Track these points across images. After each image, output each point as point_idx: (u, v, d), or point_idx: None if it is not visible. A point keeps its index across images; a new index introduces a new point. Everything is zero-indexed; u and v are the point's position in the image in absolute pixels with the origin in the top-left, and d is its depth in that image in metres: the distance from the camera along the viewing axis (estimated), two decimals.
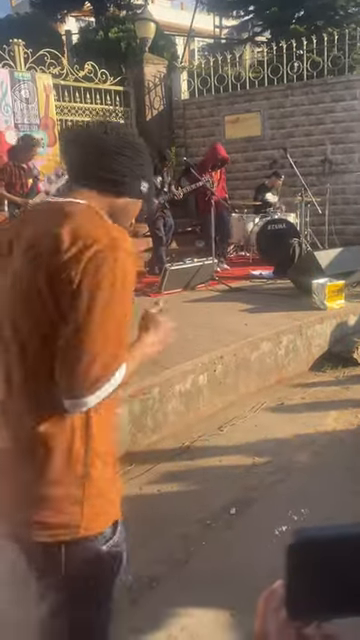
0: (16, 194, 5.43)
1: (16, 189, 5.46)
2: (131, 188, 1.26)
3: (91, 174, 1.22)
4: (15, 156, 5.60)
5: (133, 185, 1.26)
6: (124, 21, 12.94)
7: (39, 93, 8.16)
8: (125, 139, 1.26)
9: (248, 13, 13.74)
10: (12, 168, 5.50)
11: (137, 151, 1.27)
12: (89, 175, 1.22)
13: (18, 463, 1.15)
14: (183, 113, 9.88)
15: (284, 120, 8.96)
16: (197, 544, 2.41)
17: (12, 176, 5.46)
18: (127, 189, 1.25)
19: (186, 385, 3.58)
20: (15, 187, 5.46)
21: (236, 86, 9.31)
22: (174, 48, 14.49)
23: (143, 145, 1.31)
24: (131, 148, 1.26)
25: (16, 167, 5.51)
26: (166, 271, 5.88)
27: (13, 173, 5.47)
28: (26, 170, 5.58)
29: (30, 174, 5.63)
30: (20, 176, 5.50)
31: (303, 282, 5.36)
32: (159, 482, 2.91)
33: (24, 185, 5.51)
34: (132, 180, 1.25)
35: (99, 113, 9.18)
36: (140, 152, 1.28)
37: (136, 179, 1.26)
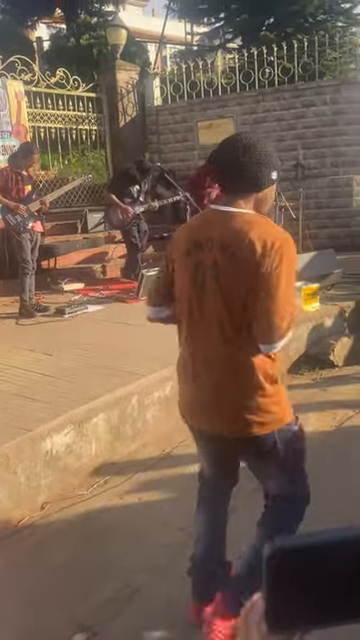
0: (11, 199, 5.40)
1: (11, 194, 5.45)
2: (267, 180, 1.68)
3: (241, 185, 1.68)
4: (14, 163, 5.59)
5: (268, 177, 1.68)
6: (95, 28, 12.95)
7: (10, 100, 8.08)
8: (253, 145, 1.66)
9: (219, 20, 13.84)
10: (9, 173, 5.49)
11: (266, 151, 1.67)
12: (240, 187, 1.68)
13: (234, 385, 1.72)
14: (156, 119, 9.89)
15: (257, 125, 9.03)
16: (179, 552, 2.38)
17: (8, 181, 5.44)
18: (264, 183, 1.68)
19: (165, 391, 3.56)
20: (11, 192, 5.45)
21: (208, 92, 9.37)
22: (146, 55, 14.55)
23: (266, 141, 1.73)
24: (262, 151, 1.66)
25: (14, 173, 5.49)
26: (143, 277, 5.85)
27: (9, 178, 5.46)
28: (24, 177, 5.55)
29: (29, 181, 5.61)
30: (17, 182, 5.48)
31: None
32: (140, 491, 2.88)
33: (20, 191, 5.50)
34: (267, 174, 1.67)
35: (72, 120, 9.14)
36: (268, 150, 1.69)
37: (269, 172, 1.68)
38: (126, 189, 6.59)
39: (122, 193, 6.57)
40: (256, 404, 1.71)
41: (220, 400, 1.74)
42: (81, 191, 9.11)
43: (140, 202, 6.68)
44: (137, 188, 6.65)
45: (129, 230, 6.66)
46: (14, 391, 3.42)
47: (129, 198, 6.59)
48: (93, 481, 2.98)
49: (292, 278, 1.65)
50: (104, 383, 3.45)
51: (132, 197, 6.63)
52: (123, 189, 6.59)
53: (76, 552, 2.47)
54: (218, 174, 1.83)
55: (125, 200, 6.57)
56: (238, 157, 1.64)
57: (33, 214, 5.52)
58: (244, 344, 1.68)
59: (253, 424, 1.72)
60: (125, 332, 4.71)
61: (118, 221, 6.68)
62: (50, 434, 2.89)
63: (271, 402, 1.73)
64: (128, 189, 6.59)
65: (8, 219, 5.44)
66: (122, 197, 6.57)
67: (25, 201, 5.48)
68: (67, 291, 6.53)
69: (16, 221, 5.42)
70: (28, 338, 4.72)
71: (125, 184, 6.63)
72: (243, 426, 1.73)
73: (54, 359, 4.07)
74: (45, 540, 2.54)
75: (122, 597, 2.17)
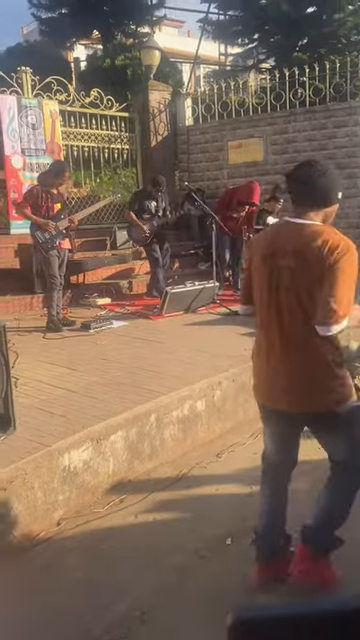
0: (40, 217, 5.52)
1: (41, 212, 5.56)
2: (335, 198, 2.08)
3: (313, 201, 2.06)
4: (45, 181, 5.70)
5: (335, 196, 2.08)
6: (130, 49, 13.22)
7: (45, 119, 8.30)
8: (327, 169, 2.06)
9: (253, 41, 14.02)
10: (39, 192, 5.60)
11: (335, 175, 2.11)
12: (313, 202, 2.05)
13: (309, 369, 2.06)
14: (187, 139, 10.01)
15: (287, 145, 9.06)
16: (192, 575, 2.36)
17: (39, 199, 5.56)
18: (332, 200, 2.07)
19: (184, 411, 3.56)
20: (40, 210, 5.56)
21: (240, 112, 9.45)
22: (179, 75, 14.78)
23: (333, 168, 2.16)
24: (333, 174, 2.09)
25: (43, 191, 5.60)
26: (167, 294, 5.90)
27: (40, 196, 5.57)
28: (54, 195, 5.66)
29: (59, 199, 5.72)
30: (47, 200, 5.58)
31: None
32: (155, 510, 2.87)
33: (50, 209, 5.60)
34: (335, 194, 2.08)
35: (104, 139, 9.32)
36: (336, 174, 2.12)
37: (336, 192, 2.08)
38: (144, 205, 6.84)
39: (141, 210, 6.83)
40: (328, 384, 2.05)
41: (296, 381, 2.07)
42: (110, 209, 9.26)
43: (159, 217, 6.88)
44: (154, 204, 6.89)
45: (150, 245, 6.88)
46: (35, 405, 3.47)
47: (147, 214, 6.86)
48: (109, 499, 2.99)
49: (352, 278, 1.95)
50: (124, 400, 3.47)
51: (150, 212, 6.87)
52: (141, 205, 6.84)
53: (90, 569, 2.47)
54: (293, 190, 2.12)
55: (144, 216, 6.84)
56: (314, 178, 2.03)
57: (62, 232, 5.63)
58: (314, 334, 1.98)
59: (326, 401, 2.07)
60: (147, 349, 4.74)
61: (139, 237, 6.95)
62: (68, 450, 2.91)
63: (340, 383, 2.06)
64: (146, 205, 6.85)
65: (37, 236, 5.55)
66: (141, 213, 6.82)
67: (54, 219, 5.59)
68: (94, 306, 6.61)
69: (45, 238, 5.53)
70: (53, 352, 4.79)
71: (142, 201, 6.89)
72: (318, 403, 2.08)
73: (77, 374, 4.12)
74: (60, 556, 2.55)
75: (133, 617, 2.16)
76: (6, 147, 7.92)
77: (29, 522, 2.68)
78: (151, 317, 5.98)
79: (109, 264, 7.76)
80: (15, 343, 4.87)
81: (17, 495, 2.63)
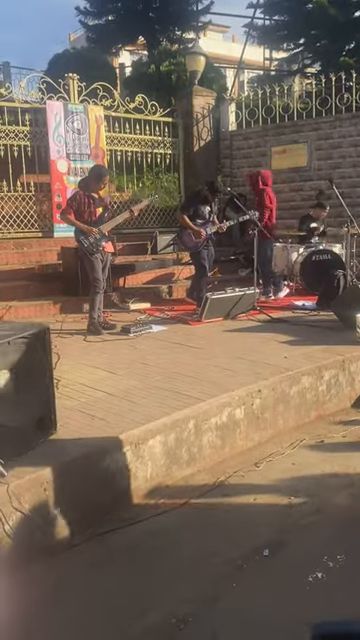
0: (84, 222, 5.62)
1: (84, 217, 5.65)
2: None
3: None
4: (86, 186, 5.79)
5: None
6: (175, 54, 13.31)
7: (90, 124, 8.45)
8: None
9: (298, 46, 13.91)
10: (82, 197, 5.69)
11: None
12: None
13: None
14: (230, 144, 10.00)
15: (332, 151, 8.93)
16: (227, 585, 2.35)
17: (81, 204, 5.65)
18: None
19: (222, 418, 3.54)
20: (83, 215, 5.65)
21: (284, 117, 9.38)
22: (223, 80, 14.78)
23: None
24: None
25: (86, 196, 5.69)
26: (207, 300, 5.89)
27: (82, 201, 5.66)
28: (96, 199, 5.74)
29: (101, 203, 5.79)
30: (89, 205, 5.67)
31: (347, 315, 5.26)
32: (191, 518, 2.87)
33: (92, 214, 5.69)
34: None
35: (148, 143, 9.41)
36: None
37: None
38: (199, 210, 6.59)
39: (195, 214, 6.59)
40: None
41: None
42: (152, 213, 9.33)
43: (211, 223, 6.68)
44: (208, 209, 6.65)
45: (199, 252, 6.64)
46: (75, 407, 3.52)
47: (201, 219, 6.58)
48: (147, 503, 3.00)
49: None
50: (162, 405, 3.48)
51: (204, 218, 6.61)
52: (196, 210, 6.60)
53: (127, 574, 2.48)
54: None
55: (197, 221, 6.56)
56: None
57: (105, 235, 5.70)
58: None
59: None
60: (186, 354, 4.74)
61: (192, 243, 6.64)
62: (110, 452, 2.94)
63: None
64: (200, 210, 6.58)
65: (82, 241, 5.64)
66: (194, 218, 6.58)
67: (97, 223, 5.67)
68: (134, 310, 6.66)
69: (89, 242, 5.62)
70: (94, 355, 4.85)
71: (197, 205, 6.63)
72: None
73: (117, 377, 4.15)
74: (98, 559, 2.58)
75: (168, 626, 2.16)
76: (52, 152, 8.10)
77: (67, 523, 2.71)
78: (190, 322, 5.99)
79: (149, 268, 7.82)
80: (57, 345, 4.96)
81: (57, 497, 2.67)
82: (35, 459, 2.76)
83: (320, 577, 2.35)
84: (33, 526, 2.57)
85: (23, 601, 2.15)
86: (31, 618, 2.13)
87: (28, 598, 2.20)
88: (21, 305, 6.36)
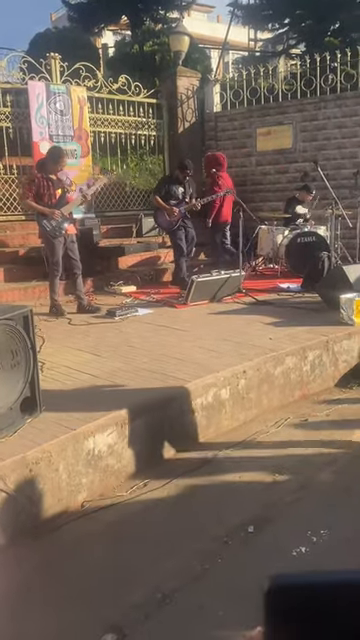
0: (44, 205, 5.53)
1: (44, 200, 5.56)
2: None
3: None
4: (44, 168, 5.70)
5: None
6: (159, 34, 13.12)
7: (73, 105, 8.32)
8: None
9: (283, 26, 13.77)
10: (40, 180, 5.60)
11: None
12: None
13: None
14: (215, 125, 9.92)
15: (316, 133, 8.90)
16: (212, 561, 2.38)
17: (40, 187, 5.56)
18: None
19: (208, 398, 3.56)
20: (43, 198, 5.57)
21: (268, 99, 9.31)
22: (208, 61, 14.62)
23: None
24: None
25: (44, 179, 5.60)
26: (193, 282, 5.89)
27: (41, 184, 5.57)
28: (55, 181, 5.65)
29: (59, 185, 5.70)
30: (48, 187, 5.58)
31: (331, 296, 5.29)
32: (177, 496, 2.89)
33: (52, 196, 5.61)
34: None
35: (132, 125, 9.30)
36: None
37: None
38: (171, 190, 6.75)
39: (167, 194, 6.74)
40: None
41: None
42: (136, 195, 9.25)
43: (185, 202, 6.79)
44: (181, 189, 6.77)
45: (175, 232, 6.78)
46: (61, 389, 3.51)
47: (174, 199, 6.76)
48: (133, 483, 3.01)
49: None
50: (148, 386, 3.48)
51: (177, 198, 6.78)
52: (168, 190, 6.75)
53: (111, 553, 2.50)
54: None
55: (170, 202, 6.74)
56: None
57: (66, 217, 5.64)
58: None
59: None
60: (171, 337, 4.75)
61: (166, 222, 6.83)
62: (93, 434, 2.94)
63: None
64: (173, 190, 6.75)
65: (44, 225, 5.56)
66: (167, 198, 6.73)
67: (57, 205, 5.59)
68: (119, 294, 6.64)
69: (52, 226, 5.55)
70: (78, 338, 4.83)
71: (169, 185, 6.80)
72: None
73: (102, 360, 4.15)
74: (82, 539, 2.59)
75: (153, 601, 2.18)
76: (34, 133, 7.97)
77: (53, 503, 2.72)
78: (176, 305, 5.98)
79: (135, 252, 7.78)
80: (42, 328, 4.94)
81: (42, 476, 2.67)
82: (20, 440, 2.76)
83: (304, 552, 2.39)
84: (19, 507, 2.57)
85: (7, 582, 2.16)
86: (15, 599, 2.14)
87: (12, 579, 2.21)
88: (5, 289, 6.30)
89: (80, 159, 8.35)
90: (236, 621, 1.97)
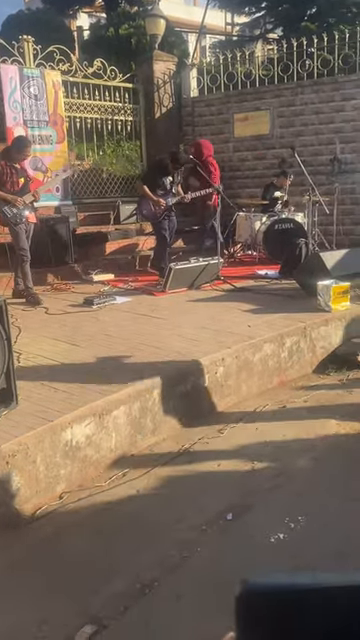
0: (6, 192, 5.52)
1: (7, 187, 5.58)
2: None
3: None
4: (8, 155, 5.69)
5: None
6: (135, 17, 12.90)
7: (48, 90, 8.14)
8: None
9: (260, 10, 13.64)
10: (4, 167, 5.61)
11: None
12: None
13: None
14: (192, 111, 9.82)
15: (294, 119, 8.88)
16: (191, 550, 2.38)
17: (3, 175, 5.57)
18: None
19: (187, 386, 3.56)
20: (5, 185, 5.58)
21: (246, 84, 9.24)
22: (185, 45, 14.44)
23: None
24: None
25: (8, 166, 5.61)
26: (171, 270, 5.85)
27: (4, 172, 5.58)
28: (18, 170, 5.67)
29: (23, 174, 5.71)
30: (11, 175, 5.61)
31: (309, 283, 5.31)
32: (156, 485, 2.89)
33: (15, 184, 5.63)
34: None
35: (108, 110, 9.16)
36: None
37: None
38: (159, 180, 6.54)
39: (155, 184, 6.53)
40: None
41: None
42: (114, 182, 9.14)
43: (172, 194, 6.63)
44: (170, 180, 6.59)
45: (160, 222, 6.62)
46: (38, 380, 3.47)
47: (161, 190, 6.55)
48: (112, 473, 3.00)
49: None
50: (127, 375, 3.46)
51: (165, 189, 6.57)
52: (156, 180, 6.55)
53: (91, 543, 2.50)
54: None
55: (157, 192, 6.52)
56: None
57: (28, 205, 5.64)
58: None
59: None
60: (150, 325, 4.72)
61: (150, 213, 6.64)
62: (71, 425, 2.92)
63: None
64: (161, 180, 6.53)
65: (5, 211, 5.55)
66: (155, 188, 6.53)
67: (19, 193, 5.59)
68: (97, 282, 6.58)
69: (13, 213, 5.54)
70: (55, 327, 4.78)
71: (158, 175, 6.58)
72: None
73: (79, 349, 4.11)
74: (61, 530, 2.58)
75: (133, 591, 2.18)
76: (8, 118, 7.79)
77: (31, 495, 2.70)
78: (154, 293, 5.95)
79: (112, 239, 7.70)
80: (18, 318, 4.87)
81: (19, 469, 2.64)
82: None
83: (282, 538, 2.41)
84: None
85: None
86: None
87: None
88: None
89: (56, 145, 8.20)
90: (214, 610, 1.98)
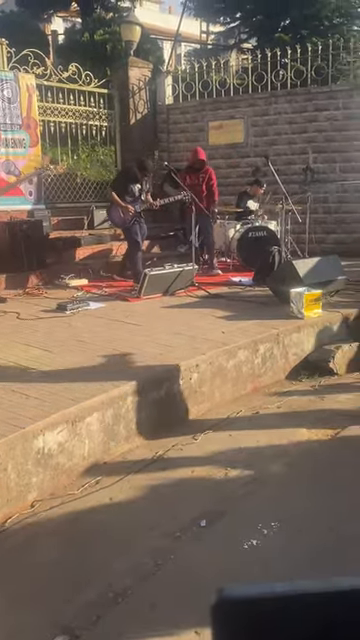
0: None
1: None
2: None
3: None
4: None
5: None
6: (110, 23, 12.91)
7: (22, 93, 8.06)
8: None
9: (235, 20, 13.80)
10: None
11: None
12: None
13: None
14: (167, 117, 9.86)
15: (267, 128, 9.00)
16: (165, 558, 2.37)
17: None
18: None
19: (161, 393, 3.55)
20: None
21: (220, 92, 9.33)
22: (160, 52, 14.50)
23: None
24: None
25: None
26: (146, 276, 5.85)
27: None
28: None
29: None
30: None
31: (281, 290, 5.36)
32: (130, 492, 2.87)
33: None
34: None
35: (82, 115, 9.13)
36: None
37: None
38: (128, 187, 6.63)
39: (124, 191, 6.62)
40: None
41: None
42: (88, 187, 9.10)
43: (141, 201, 6.70)
44: (138, 187, 6.69)
45: (130, 228, 6.68)
46: (9, 387, 3.41)
47: (130, 196, 6.64)
48: (84, 481, 2.97)
49: None
50: (100, 382, 3.43)
51: (133, 195, 6.66)
52: (125, 187, 6.64)
53: (63, 552, 2.46)
54: None
55: (126, 198, 6.61)
56: None
57: None
58: None
59: None
60: (124, 331, 4.70)
61: (119, 219, 6.71)
62: (43, 432, 2.88)
63: None
64: (130, 187, 6.64)
65: None
66: (124, 195, 6.61)
67: None
68: (70, 287, 6.52)
69: None
70: (27, 333, 4.71)
71: (127, 182, 6.69)
72: None
73: (52, 355, 4.06)
74: (33, 539, 2.53)
75: (106, 600, 2.16)
76: None
77: (2, 504, 2.65)
78: (129, 299, 5.93)
79: (86, 244, 7.65)
80: None
81: None
82: None
83: (255, 544, 2.42)
84: None
85: None
86: None
87: None
88: None
89: (29, 148, 8.12)
90: (189, 619, 1.97)
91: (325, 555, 2.33)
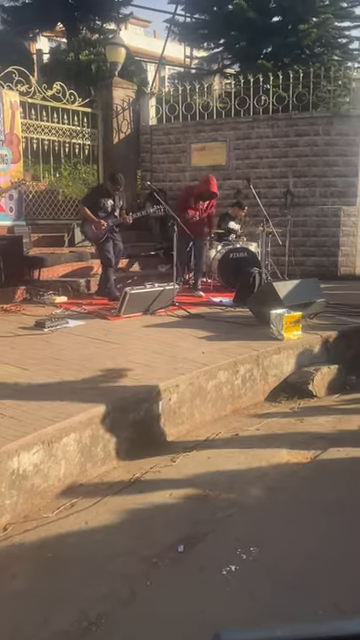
0: None
1: None
2: None
3: None
4: None
5: None
6: (96, 44, 13.06)
7: (5, 110, 8.08)
8: None
9: (218, 46, 14.05)
10: None
11: None
12: None
13: None
14: (150, 138, 9.95)
15: (249, 151, 9.14)
16: (141, 584, 2.30)
17: None
18: None
19: (140, 413, 3.50)
20: None
21: (203, 115, 9.46)
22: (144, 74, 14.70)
23: None
24: None
25: None
26: (126, 295, 5.82)
27: None
28: None
29: None
30: None
31: (262, 311, 5.38)
32: (106, 516, 2.79)
33: None
34: None
35: (66, 133, 9.16)
36: None
37: None
38: (100, 202, 6.66)
39: (96, 207, 6.65)
40: None
41: None
42: (69, 204, 9.09)
43: (115, 216, 6.73)
44: (111, 202, 6.71)
45: (103, 244, 6.68)
46: None
47: (103, 212, 6.67)
48: (60, 503, 2.89)
49: None
50: (78, 401, 3.37)
51: (106, 211, 6.69)
52: (97, 202, 6.66)
53: (36, 578, 2.37)
54: None
55: (99, 214, 6.64)
56: None
57: None
58: None
59: None
60: (102, 350, 4.65)
61: (92, 234, 6.75)
62: (18, 452, 2.80)
63: None
64: (102, 202, 6.67)
65: None
66: (96, 210, 6.64)
67: None
68: (49, 304, 6.46)
69: None
70: (3, 350, 4.63)
71: (99, 197, 6.72)
72: None
73: (28, 373, 3.99)
74: (3, 564, 2.44)
75: (79, 629, 2.08)
76: None
77: None
78: (109, 317, 5.89)
79: (66, 261, 7.61)
80: None
81: None
82: None
83: (234, 570, 2.37)
84: None
85: None
86: None
87: None
88: None
89: (11, 165, 8.11)
90: None
91: (305, 580, 2.29)
